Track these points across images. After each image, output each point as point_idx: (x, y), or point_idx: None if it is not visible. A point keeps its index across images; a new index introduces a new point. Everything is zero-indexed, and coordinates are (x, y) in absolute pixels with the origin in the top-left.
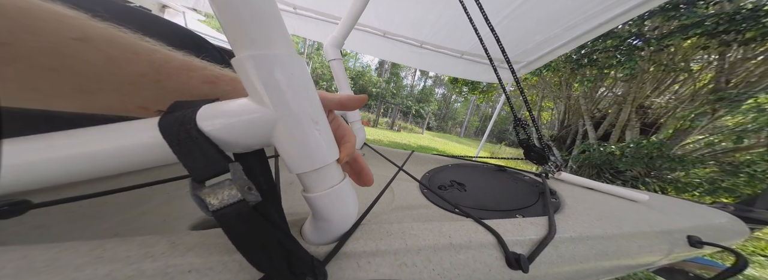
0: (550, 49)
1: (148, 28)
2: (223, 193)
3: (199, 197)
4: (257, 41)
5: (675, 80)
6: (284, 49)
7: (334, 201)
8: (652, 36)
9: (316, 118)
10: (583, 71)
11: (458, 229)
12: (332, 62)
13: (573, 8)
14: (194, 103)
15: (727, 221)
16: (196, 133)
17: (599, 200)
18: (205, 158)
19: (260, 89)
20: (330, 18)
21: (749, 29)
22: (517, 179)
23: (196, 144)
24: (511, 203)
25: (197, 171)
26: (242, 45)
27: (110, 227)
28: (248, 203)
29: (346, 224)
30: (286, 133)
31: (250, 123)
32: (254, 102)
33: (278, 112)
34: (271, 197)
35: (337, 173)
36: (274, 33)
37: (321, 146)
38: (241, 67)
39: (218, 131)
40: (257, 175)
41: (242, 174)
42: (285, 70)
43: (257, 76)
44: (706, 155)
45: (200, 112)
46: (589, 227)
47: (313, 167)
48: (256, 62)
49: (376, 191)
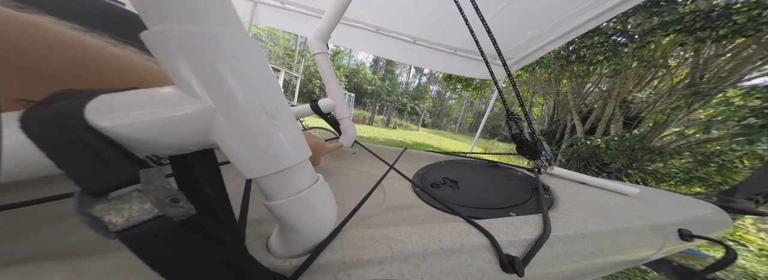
0: (540, 45)
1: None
2: (131, 208)
3: (91, 214)
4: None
5: (654, 76)
6: (224, 27)
7: (304, 209)
8: (635, 32)
9: (274, 111)
10: (572, 67)
11: (449, 231)
12: (317, 56)
13: (562, 4)
14: (88, 93)
15: (711, 212)
16: (83, 130)
17: (592, 195)
18: (101, 163)
19: (187, 74)
20: (319, 13)
21: (722, 26)
22: (510, 174)
23: (86, 145)
24: (504, 201)
25: (88, 181)
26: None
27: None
28: (171, 218)
29: (322, 233)
30: (229, 130)
31: (176, 118)
32: (182, 91)
33: (216, 105)
34: (219, 207)
35: (307, 174)
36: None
37: (281, 145)
38: (166, 43)
39: (126, 129)
40: (202, 181)
41: (163, 182)
42: (222, 50)
43: (181, 57)
44: (682, 147)
45: (93, 103)
46: (584, 224)
47: (272, 169)
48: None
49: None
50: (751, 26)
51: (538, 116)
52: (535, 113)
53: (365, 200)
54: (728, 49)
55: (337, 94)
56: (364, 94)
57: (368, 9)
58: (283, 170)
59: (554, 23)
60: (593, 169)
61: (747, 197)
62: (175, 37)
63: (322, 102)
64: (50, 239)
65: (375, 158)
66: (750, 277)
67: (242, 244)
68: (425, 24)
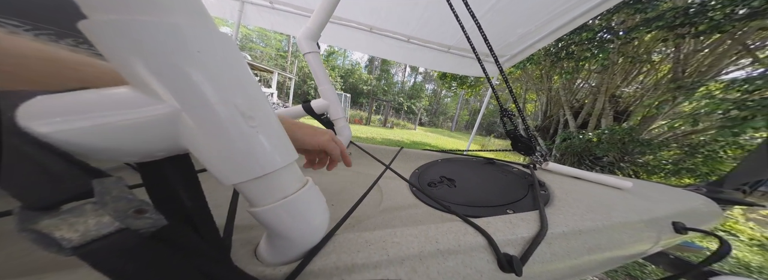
0: (531, 43)
1: None
2: (86, 222)
3: (37, 230)
4: None
5: (640, 71)
6: (186, 18)
7: (292, 214)
8: (619, 29)
9: (250, 111)
10: (562, 64)
11: (446, 232)
12: (308, 55)
13: (550, 2)
14: (20, 94)
15: (702, 204)
16: (17, 138)
17: (587, 190)
18: (43, 175)
19: (143, 72)
20: (309, 12)
21: (700, 23)
22: (506, 171)
23: (21, 155)
24: (501, 198)
25: (31, 195)
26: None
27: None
28: (137, 231)
29: (313, 238)
30: (200, 133)
31: (134, 121)
32: (139, 91)
33: (182, 105)
34: (198, 216)
35: (293, 178)
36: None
37: (262, 148)
38: (102, 37)
39: (73, 134)
40: (177, 189)
41: (123, 192)
42: (186, 45)
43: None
44: (670, 139)
45: (26, 106)
46: (581, 219)
47: (253, 175)
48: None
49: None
50: (726, 22)
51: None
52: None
53: (360, 202)
54: (706, 45)
55: (330, 94)
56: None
57: (360, 8)
58: (265, 175)
59: (543, 21)
60: (587, 163)
61: (734, 187)
62: (126, 29)
63: (315, 103)
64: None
65: (371, 158)
66: (743, 266)
67: (226, 254)
68: (418, 22)
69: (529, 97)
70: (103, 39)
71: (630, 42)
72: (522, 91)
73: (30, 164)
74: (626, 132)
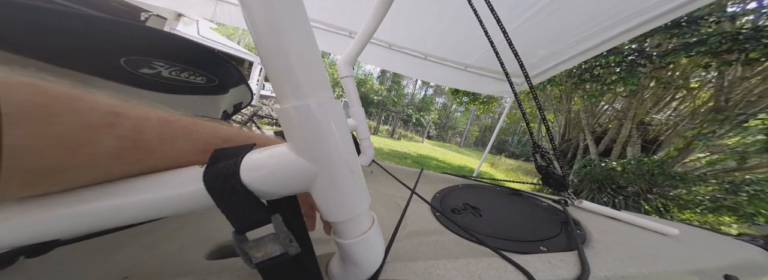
0: (553, 64)
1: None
2: (267, 247)
3: (244, 250)
4: (302, 90)
5: (674, 97)
6: (325, 96)
7: (366, 247)
8: (653, 53)
9: (353, 167)
10: (585, 86)
11: (486, 268)
12: (344, 79)
13: (577, 25)
14: (236, 151)
15: (760, 257)
16: (240, 187)
17: (626, 233)
18: (247, 210)
19: (304, 142)
20: (337, 29)
21: (753, 49)
22: (534, 204)
23: (240, 197)
24: (532, 233)
25: (240, 223)
26: (287, 94)
27: (126, 257)
28: (289, 255)
29: (374, 267)
30: (325, 184)
31: (291, 174)
32: (294, 152)
33: (319, 165)
34: (306, 246)
35: (368, 218)
36: (318, 81)
37: (357, 196)
38: (286, 118)
39: (259, 183)
40: (291, 220)
41: (283, 226)
42: (327, 119)
43: (301, 128)
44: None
45: (243, 164)
46: (623, 265)
47: (349, 216)
48: (301, 113)
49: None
50: None
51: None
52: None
53: (396, 233)
54: (757, 72)
55: (360, 116)
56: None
57: (381, 26)
58: (356, 215)
59: (568, 43)
60: (608, 191)
61: None
62: (298, 111)
63: None
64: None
65: (391, 177)
66: None
67: (321, 276)
68: (437, 41)
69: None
70: (286, 117)
71: (664, 67)
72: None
73: (242, 203)
74: (657, 164)
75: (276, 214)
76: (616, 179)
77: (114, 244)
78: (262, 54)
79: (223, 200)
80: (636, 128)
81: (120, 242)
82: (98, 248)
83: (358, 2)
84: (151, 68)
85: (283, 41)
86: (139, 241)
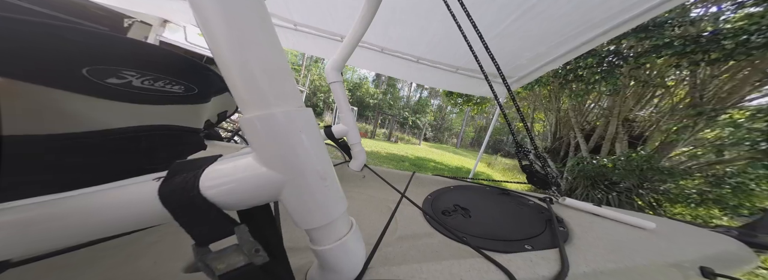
0: (539, 65)
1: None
2: (230, 258)
3: (205, 263)
4: (267, 99)
5: (654, 95)
6: (292, 105)
7: (344, 252)
8: (628, 54)
9: (325, 174)
10: (571, 86)
11: (469, 269)
12: (333, 85)
13: (556, 29)
14: (197, 163)
15: (734, 248)
16: (200, 200)
17: (607, 228)
18: (209, 222)
19: (268, 153)
20: (329, 34)
21: (713, 50)
22: (521, 203)
23: (200, 210)
24: (518, 232)
25: (201, 237)
26: (251, 104)
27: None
28: (255, 265)
29: (355, 272)
30: (295, 193)
31: (257, 185)
32: (260, 163)
33: (287, 175)
34: (278, 253)
35: (346, 223)
36: (285, 89)
37: (329, 203)
38: (250, 128)
39: (222, 195)
40: (264, 230)
41: (249, 236)
42: (294, 128)
43: (266, 138)
44: (693, 167)
45: (203, 176)
46: (602, 261)
47: (322, 223)
48: (265, 123)
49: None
50: (741, 51)
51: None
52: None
53: (382, 236)
54: (724, 70)
55: (350, 121)
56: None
57: (373, 31)
58: (330, 222)
59: (551, 45)
60: (601, 187)
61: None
62: (261, 121)
63: (335, 128)
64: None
65: (383, 181)
66: None
67: None
68: (428, 44)
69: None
70: (249, 127)
71: (640, 67)
72: (529, 111)
73: (203, 215)
74: (644, 159)
75: (240, 225)
76: (607, 176)
77: (81, 261)
78: (219, 60)
79: (181, 214)
80: (622, 125)
81: (90, 257)
82: (62, 266)
83: (349, 7)
84: (119, 78)
85: (242, 48)
86: (111, 256)
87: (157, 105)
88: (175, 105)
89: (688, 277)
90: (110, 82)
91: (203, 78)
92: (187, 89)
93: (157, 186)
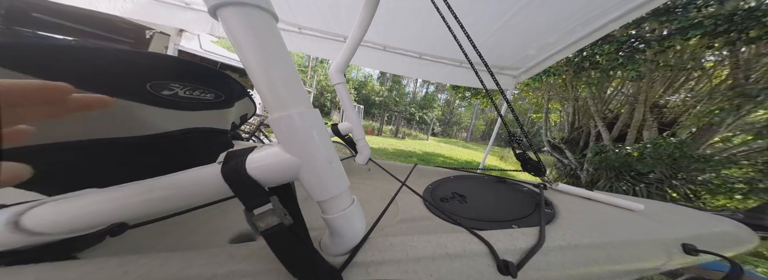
0: (548, 55)
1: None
2: (268, 219)
3: (252, 221)
4: (286, 103)
5: (689, 78)
6: (303, 107)
7: (347, 221)
8: (651, 37)
9: (331, 159)
10: (587, 74)
11: (454, 240)
12: (337, 86)
13: (564, 17)
14: (241, 152)
15: (734, 229)
16: (246, 177)
17: (594, 210)
18: (253, 193)
19: (290, 143)
20: (332, 36)
21: (751, 28)
22: (516, 190)
23: (247, 184)
24: (508, 214)
25: (248, 203)
26: (275, 107)
27: (171, 241)
28: (284, 225)
29: (357, 239)
30: (308, 173)
31: (283, 167)
32: (284, 150)
33: (303, 159)
34: (298, 220)
35: (348, 198)
36: (298, 95)
37: (335, 180)
38: (276, 125)
39: (260, 174)
40: (288, 203)
41: (279, 204)
42: (306, 124)
43: (287, 133)
44: (738, 154)
45: (247, 160)
46: (579, 236)
47: (330, 196)
48: (286, 122)
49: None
50: None
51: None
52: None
53: (383, 215)
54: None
55: (354, 119)
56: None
57: (375, 29)
58: (336, 196)
59: (559, 35)
60: (627, 179)
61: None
62: (283, 120)
63: (341, 125)
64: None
65: (387, 173)
66: None
67: (312, 243)
68: (430, 40)
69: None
70: (275, 125)
71: (665, 50)
72: (544, 101)
73: (249, 188)
74: (675, 146)
75: (273, 196)
76: (633, 166)
77: (159, 232)
78: (254, 79)
79: (235, 187)
80: (650, 111)
81: (163, 231)
82: (151, 234)
83: (349, 8)
84: (169, 90)
85: (269, 70)
86: (175, 231)
87: (195, 111)
88: (208, 110)
89: (670, 253)
90: (164, 93)
91: (228, 86)
92: (217, 96)
93: (219, 168)
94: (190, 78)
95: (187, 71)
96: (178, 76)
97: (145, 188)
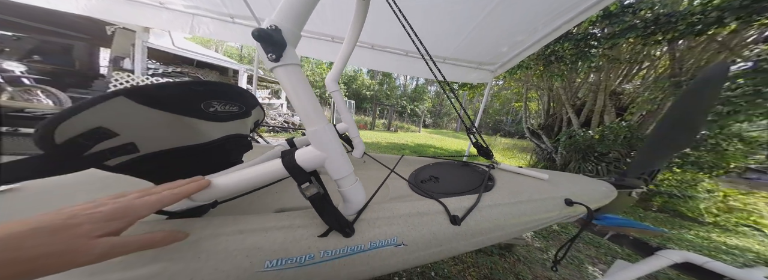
0: (518, 52)
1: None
2: (311, 189)
3: (302, 192)
4: (315, 121)
5: (640, 68)
6: (323, 123)
7: (354, 192)
8: (602, 36)
9: (342, 153)
10: (556, 66)
11: (424, 205)
12: (334, 93)
13: (529, 19)
14: (291, 151)
15: (604, 188)
16: (297, 166)
17: (519, 181)
18: (302, 175)
19: (319, 145)
20: (320, 35)
21: (668, 31)
22: (474, 171)
23: (298, 169)
24: (464, 188)
25: (300, 180)
26: (309, 123)
27: (239, 212)
28: (321, 193)
29: (361, 204)
30: (330, 161)
31: (316, 159)
32: (316, 149)
33: (326, 154)
34: (325, 193)
35: (353, 177)
36: (321, 116)
37: (345, 166)
38: (311, 135)
39: (304, 163)
40: (318, 182)
41: (316, 182)
42: (327, 135)
43: (318, 139)
44: None
45: (296, 155)
46: (502, 198)
47: (343, 175)
48: (316, 134)
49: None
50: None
51: (536, 111)
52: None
53: (378, 191)
54: (698, 43)
55: (349, 120)
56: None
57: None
58: (346, 175)
59: (526, 34)
60: (591, 159)
61: (636, 176)
62: (315, 133)
63: (339, 126)
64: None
65: (380, 164)
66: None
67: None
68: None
69: (532, 96)
70: (312, 136)
71: (613, 47)
72: (523, 91)
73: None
74: (625, 129)
75: (312, 176)
76: (595, 147)
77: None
78: (296, 107)
79: (291, 172)
80: (609, 98)
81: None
82: (229, 208)
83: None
84: (212, 107)
85: (305, 104)
86: (238, 206)
87: (227, 121)
88: (235, 120)
89: (557, 205)
90: (210, 110)
91: (246, 99)
92: (240, 108)
93: (280, 161)
94: (222, 96)
95: (220, 91)
96: (216, 95)
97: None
